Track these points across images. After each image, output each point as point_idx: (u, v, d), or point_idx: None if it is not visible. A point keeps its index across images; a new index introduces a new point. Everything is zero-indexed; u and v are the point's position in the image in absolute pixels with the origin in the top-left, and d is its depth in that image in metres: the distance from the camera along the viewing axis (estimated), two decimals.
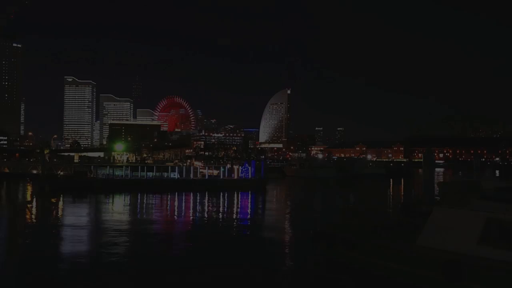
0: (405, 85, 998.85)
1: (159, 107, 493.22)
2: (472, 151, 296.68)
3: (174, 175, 73.59)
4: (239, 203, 53.31)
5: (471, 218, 16.18)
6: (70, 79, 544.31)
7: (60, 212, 42.60)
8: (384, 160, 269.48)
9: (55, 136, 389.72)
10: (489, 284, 14.71)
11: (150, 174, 72.04)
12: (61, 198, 54.10)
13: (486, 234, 15.60)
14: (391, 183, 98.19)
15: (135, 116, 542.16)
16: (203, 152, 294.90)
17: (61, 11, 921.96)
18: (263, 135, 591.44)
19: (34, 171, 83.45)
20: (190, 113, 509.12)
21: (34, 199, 55.41)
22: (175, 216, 40.97)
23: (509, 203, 15.87)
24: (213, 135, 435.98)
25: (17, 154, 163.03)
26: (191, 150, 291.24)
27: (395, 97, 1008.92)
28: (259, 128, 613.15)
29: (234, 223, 36.75)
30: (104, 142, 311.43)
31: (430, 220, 17.51)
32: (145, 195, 59.10)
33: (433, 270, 15.97)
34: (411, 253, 17.10)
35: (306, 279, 19.85)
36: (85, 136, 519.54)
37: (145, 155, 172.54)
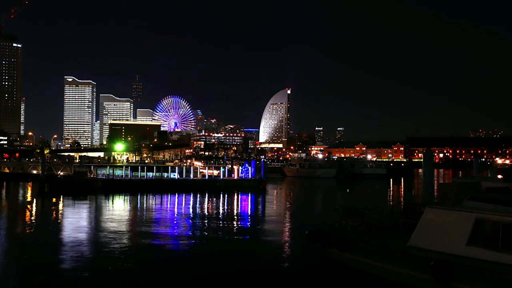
0: (405, 85, 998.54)
1: (159, 107, 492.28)
2: (472, 151, 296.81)
3: (174, 175, 73.55)
4: (239, 203, 53.28)
5: (461, 218, 16.28)
6: (70, 79, 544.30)
7: (59, 213, 42.55)
8: (384, 160, 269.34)
9: (55, 136, 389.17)
10: (477, 284, 14.81)
11: (150, 174, 71.98)
12: (61, 198, 54.05)
13: (475, 234, 15.71)
14: (391, 183, 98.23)
15: (135, 116, 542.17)
16: (203, 152, 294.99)
17: (61, 11, 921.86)
18: (263, 135, 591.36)
19: (34, 171, 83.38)
20: (190, 113, 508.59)
21: (34, 199, 55.40)
22: (175, 217, 40.94)
23: (499, 203, 15.93)
24: (213, 135, 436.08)
25: (17, 154, 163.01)
26: (191, 150, 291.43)
27: (395, 96, 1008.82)
28: (259, 128, 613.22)
29: (233, 223, 36.72)
30: (104, 142, 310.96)
31: (421, 221, 17.67)
32: (145, 196, 59.09)
33: (423, 270, 16.09)
34: (402, 254, 17.23)
35: (301, 279, 19.87)
36: (85, 136, 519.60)
37: (145, 155, 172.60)
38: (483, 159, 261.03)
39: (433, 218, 17.21)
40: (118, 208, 47.55)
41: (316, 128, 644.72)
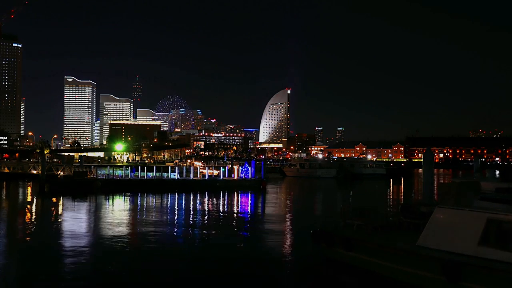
0: (406, 85, 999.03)
1: (159, 107, 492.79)
2: (472, 151, 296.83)
3: (174, 175, 73.54)
4: (239, 203, 53.27)
5: (472, 218, 16.12)
6: (70, 79, 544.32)
7: (59, 213, 42.53)
8: (384, 160, 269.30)
9: (55, 136, 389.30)
10: (489, 284, 14.65)
11: (150, 174, 71.97)
12: (61, 198, 54.02)
13: (486, 234, 15.56)
14: (391, 183, 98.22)
15: (135, 116, 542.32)
16: (203, 152, 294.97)
17: (61, 11, 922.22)
18: (263, 135, 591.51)
19: (34, 171, 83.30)
20: (190, 113, 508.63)
21: (34, 199, 55.38)
22: (175, 217, 40.95)
23: (510, 204, 15.81)
24: (213, 135, 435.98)
25: (17, 154, 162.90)
26: (191, 150, 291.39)
27: (395, 97, 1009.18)
28: (259, 128, 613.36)
29: (234, 223, 36.73)
30: (104, 142, 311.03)
31: (431, 220, 17.45)
32: (145, 196, 59.06)
33: (433, 270, 15.92)
34: (411, 254, 17.04)
35: (306, 279, 19.81)
36: (85, 136, 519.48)
37: (145, 155, 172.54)
38: (483, 159, 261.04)
39: (443, 218, 17.05)
40: (118, 208, 47.48)
41: (316, 128, 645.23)
